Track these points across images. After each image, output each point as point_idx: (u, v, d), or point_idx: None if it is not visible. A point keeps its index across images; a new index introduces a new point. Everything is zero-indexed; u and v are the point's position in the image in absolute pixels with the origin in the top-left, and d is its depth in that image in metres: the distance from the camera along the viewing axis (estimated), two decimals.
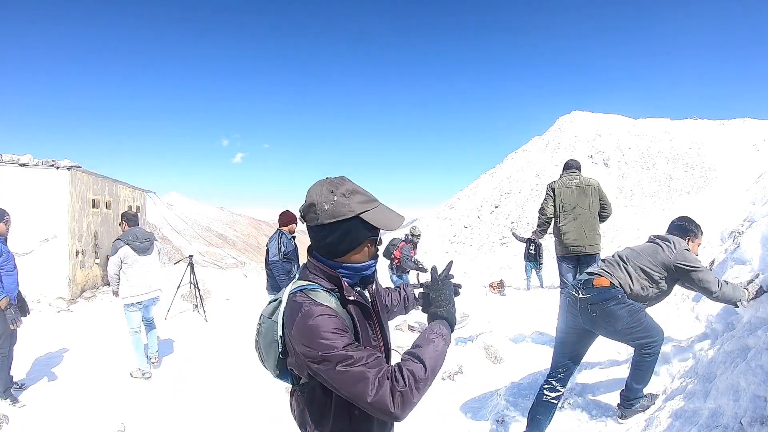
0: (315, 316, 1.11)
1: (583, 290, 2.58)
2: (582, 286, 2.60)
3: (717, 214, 5.62)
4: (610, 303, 2.48)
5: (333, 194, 1.18)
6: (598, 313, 2.50)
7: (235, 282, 10.88)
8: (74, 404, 3.98)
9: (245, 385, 4.44)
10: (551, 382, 2.69)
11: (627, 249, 2.77)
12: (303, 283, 1.23)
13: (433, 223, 34.09)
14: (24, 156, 8.06)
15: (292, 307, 1.17)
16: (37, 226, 7.94)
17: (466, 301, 8.83)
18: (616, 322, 2.47)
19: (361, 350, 1.09)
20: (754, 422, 1.83)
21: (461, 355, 4.64)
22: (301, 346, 1.11)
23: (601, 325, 2.53)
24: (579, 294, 2.57)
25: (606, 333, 2.58)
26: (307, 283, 1.23)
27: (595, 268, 2.69)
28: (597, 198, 4.40)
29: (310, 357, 1.09)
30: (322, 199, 1.18)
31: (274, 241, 4.81)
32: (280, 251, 4.75)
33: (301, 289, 1.20)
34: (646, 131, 25.34)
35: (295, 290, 1.21)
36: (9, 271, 3.80)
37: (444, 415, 3.47)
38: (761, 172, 6.61)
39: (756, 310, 2.52)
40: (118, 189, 11.21)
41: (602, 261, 2.77)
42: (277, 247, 4.77)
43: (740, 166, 18.98)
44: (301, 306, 1.15)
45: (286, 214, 5.03)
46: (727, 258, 3.51)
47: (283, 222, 4.95)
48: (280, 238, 4.84)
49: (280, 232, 4.90)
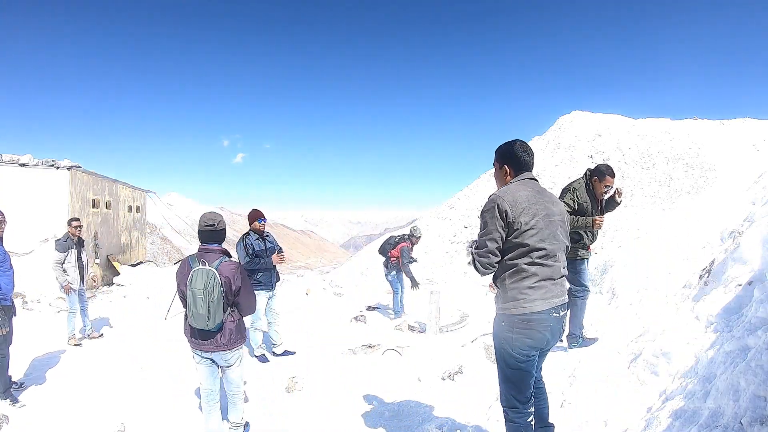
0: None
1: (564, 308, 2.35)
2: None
3: (717, 214, 5.62)
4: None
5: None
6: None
7: None
8: (74, 404, 3.98)
9: (245, 385, 4.45)
10: (529, 411, 2.32)
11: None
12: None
13: (433, 223, 34.08)
14: (24, 156, 8.06)
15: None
16: (37, 225, 7.95)
17: (466, 301, 8.83)
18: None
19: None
20: (754, 422, 1.83)
21: (461, 355, 4.65)
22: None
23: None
24: (561, 312, 2.33)
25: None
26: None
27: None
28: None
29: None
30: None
31: (239, 245, 4.92)
32: (248, 253, 4.85)
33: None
34: (646, 131, 25.31)
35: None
36: (5, 272, 3.80)
37: (444, 415, 3.47)
38: (761, 172, 6.61)
39: (756, 310, 2.52)
40: (118, 189, 11.20)
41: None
42: (245, 250, 4.87)
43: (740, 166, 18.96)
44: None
45: (250, 213, 5.08)
46: (727, 258, 3.51)
47: (249, 222, 5.04)
48: (245, 240, 4.93)
49: (245, 235, 4.99)
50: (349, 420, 3.65)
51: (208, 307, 2.82)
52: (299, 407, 3.95)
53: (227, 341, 2.98)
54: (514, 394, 2.26)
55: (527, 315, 2.16)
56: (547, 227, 2.19)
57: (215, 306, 2.84)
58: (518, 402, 2.26)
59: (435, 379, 4.28)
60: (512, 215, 2.13)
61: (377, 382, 4.38)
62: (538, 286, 2.16)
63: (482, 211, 2.21)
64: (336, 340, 5.92)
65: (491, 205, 2.18)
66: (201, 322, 2.86)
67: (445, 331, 6.42)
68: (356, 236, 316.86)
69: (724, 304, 3.06)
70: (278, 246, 5.23)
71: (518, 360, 2.19)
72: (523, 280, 2.17)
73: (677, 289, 4.13)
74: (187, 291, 2.88)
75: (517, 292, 2.18)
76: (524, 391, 2.26)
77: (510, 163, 2.33)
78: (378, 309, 7.93)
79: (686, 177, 18.56)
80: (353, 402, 3.98)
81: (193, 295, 2.83)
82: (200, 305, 2.82)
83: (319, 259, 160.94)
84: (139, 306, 8.44)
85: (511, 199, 2.15)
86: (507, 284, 2.21)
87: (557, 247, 2.25)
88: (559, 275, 2.27)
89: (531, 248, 2.15)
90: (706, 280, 3.65)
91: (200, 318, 2.84)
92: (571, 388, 3.33)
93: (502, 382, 2.31)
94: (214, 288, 2.82)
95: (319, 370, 4.81)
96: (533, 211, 2.16)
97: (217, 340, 2.95)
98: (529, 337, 2.17)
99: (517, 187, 2.24)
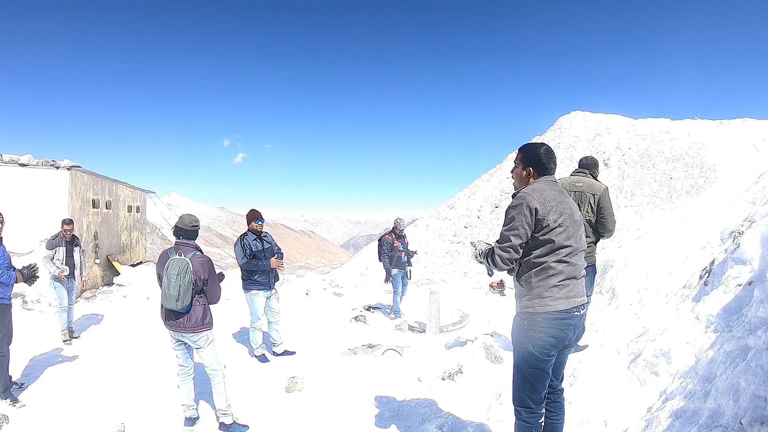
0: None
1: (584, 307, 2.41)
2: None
3: (717, 214, 5.62)
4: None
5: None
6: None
7: (235, 282, 10.86)
8: (74, 404, 3.98)
9: (245, 385, 4.45)
10: (541, 411, 2.35)
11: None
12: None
13: (433, 223, 34.09)
14: (24, 156, 8.06)
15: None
16: (37, 225, 7.95)
17: (466, 301, 8.83)
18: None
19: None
20: (754, 422, 1.83)
21: (461, 355, 4.64)
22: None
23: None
24: (582, 311, 2.37)
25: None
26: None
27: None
28: (595, 206, 3.81)
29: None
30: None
31: (237, 245, 4.96)
32: (246, 253, 4.91)
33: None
34: (646, 131, 25.36)
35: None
36: (7, 269, 3.85)
37: (444, 415, 3.47)
38: (761, 172, 6.61)
39: (756, 310, 2.52)
40: (118, 189, 11.20)
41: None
42: (242, 250, 4.91)
43: (740, 166, 18.99)
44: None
45: (248, 214, 5.13)
46: (727, 258, 3.51)
47: (247, 222, 5.10)
48: (243, 241, 4.98)
49: (243, 235, 5.04)
50: (348, 420, 3.65)
51: (179, 289, 3.28)
52: (299, 407, 3.94)
53: (193, 324, 3.43)
54: (529, 394, 2.27)
55: (552, 313, 2.20)
56: (572, 226, 2.25)
57: (185, 289, 3.30)
58: (532, 402, 2.28)
59: (435, 379, 4.28)
60: (542, 213, 2.18)
61: (377, 382, 4.38)
62: (562, 284, 2.20)
63: (509, 208, 2.26)
64: (336, 340, 5.92)
65: (520, 201, 2.22)
66: (171, 302, 3.30)
67: (445, 331, 6.42)
68: (356, 236, 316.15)
69: (724, 304, 3.06)
70: (277, 246, 5.24)
71: (538, 359, 2.22)
72: (549, 278, 2.21)
73: (677, 289, 4.12)
74: (164, 275, 3.36)
75: (543, 290, 2.21)
76: (540, 391, 2.28)
77: (534, 167, 2.38)
78: (378, 309, 7.93)
79: (686, 177, 18.55)
80: (353, 402, 3.97)
81: (168, 279, 3.31)
82: (173, 287, 3.28)
83: (319, 259, 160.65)
84: (139, 306, 8.44)
85: (540, 198, 2.20)
86: (533, 282, 2.24)
87: (581, 245, 2.31)
88: (581, 274, 2.32)
89: (559, 245, 2.20)
90: (706, 280, 3.65)
91: (171, 298, 3.30)
92: (571, 388, 3.33)
93: (517, 380, 2.32)
94: (186, 274, 3.30)
95: (319, 370, 4.81)
96: (560, 209, 2.22)
97: (184, 322, 3.42)
98: (552, 336, 2.20)
99: (543, 186, 2.28)
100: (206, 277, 3.45)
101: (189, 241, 3.53)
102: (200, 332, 3.47)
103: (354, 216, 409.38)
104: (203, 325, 3.48)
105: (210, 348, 3.54)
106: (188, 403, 3.64)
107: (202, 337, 3.49)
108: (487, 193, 33.20)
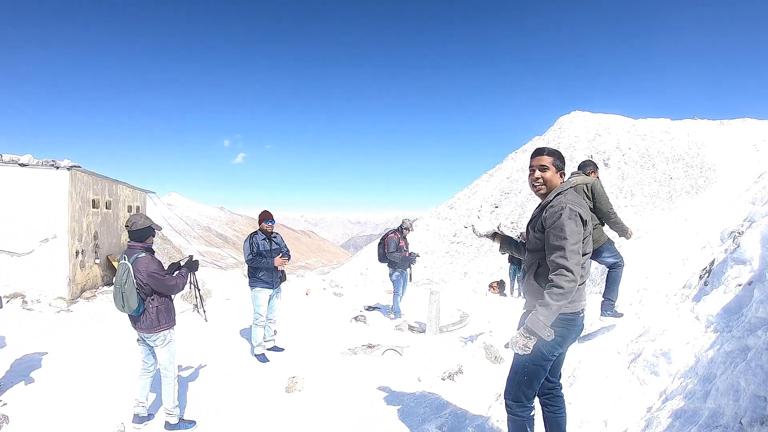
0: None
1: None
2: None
3: (717, 214, 5.62)
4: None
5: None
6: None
7: (235, 282, 10.87)
8: (74, 404, 3.98)
9: (245, 384, 4.45)
10: (532, 405, 2.42)
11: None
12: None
13: (433, 223, 34.11)
14: (24, 156, 8.06)
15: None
16: (37, 226, 7.94)
17: (466, 301, 8.83)
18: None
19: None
20: (754, 422, 1.83)
21: (461, 355, 4.64)
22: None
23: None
24: (583, 313, 2.45)
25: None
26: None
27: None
28: (590, 194, 3.97)
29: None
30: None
31: (246, 242, 5.14)
32: (253, 250, 5.08)
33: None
34: (646, 131, 25.34)
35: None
36: None
37: (444, 415, 3.47)
38: (761, 172, 6.61)
39: (756, 310, 2.52)
40: (118, 189, 11.20)
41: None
42: (250, 248, 5.10)
43: (740, 166, 19.00)
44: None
45: (260, 214, 5.33)
46: (727, 258, 3.51)
47: (258, 222, 5.29)
48: (252, 238, 5.17)
49: (253, 234, 5.25)
50: (348, 420, 3.65)
51: (121, 295, 3.32)
52: (299, 407, 3.95)
53: (148, 325, 3.48)
54: (525, 389, 2.32)
55: (568, 315, 2.25)
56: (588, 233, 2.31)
57: (127, 294, 3.32)
58: (525, 397, 2.33)
59: (435, 379, 4.28)
60: (587, 225, 2.23)
61: (377, 382, 4.38)
62: (579, 288, 2.26)
63: (563, 219, 2.15)
64: (336, 340, 5.92)
65: (573, 213, 2.17)
66: (118, 307, 3.39)
67: (445, 331, 6.42)
68: (356, 236, 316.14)
69: (724, 304, 3.06)
70: (286, 248, 5.39)
71: (545, 358, 2.26)
72: None
73: (677, 289, 4.12)
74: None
75: None
76: (536, 388, 2.35)
77: (563, 175, 2.44)
78: (378, 309, 7.93)
79: (686, 177, 18.54)
80: (353, 402, 3.98)
81: (114, 284, 3.41)
82: (116, 293, 3.36)
83: (319, 259, 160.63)
84: None
85: (583, 210, 2.23)
86: None
87: (591, 251, 2.36)
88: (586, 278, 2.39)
89: (584, 253, 2.24)
90: (706, 280, 3.65)
91: (117, 303, 3.39)
92: (571, 388, 3.33)
93: (515, 375, 2.35)
94: (126, 279, 3.31)
95: (319, 370, 4.81)
96: (589, 217, 2.28)
97: (141, 323, 3.49)
98: (561, 336, 2.25)
99: (575, 197, 2.30)
100: (150, 277, 3.40)
101: (136, 243, 3.52)
102: (157, 332, 3.51)
103: (354, 216, 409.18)
104: (159, 326, 3.51)
105: (166, 348, 3.58)
106: (140, 400, 3.68)
107: (159, 336, 3.54)
108: (486, 193, 33.20)
